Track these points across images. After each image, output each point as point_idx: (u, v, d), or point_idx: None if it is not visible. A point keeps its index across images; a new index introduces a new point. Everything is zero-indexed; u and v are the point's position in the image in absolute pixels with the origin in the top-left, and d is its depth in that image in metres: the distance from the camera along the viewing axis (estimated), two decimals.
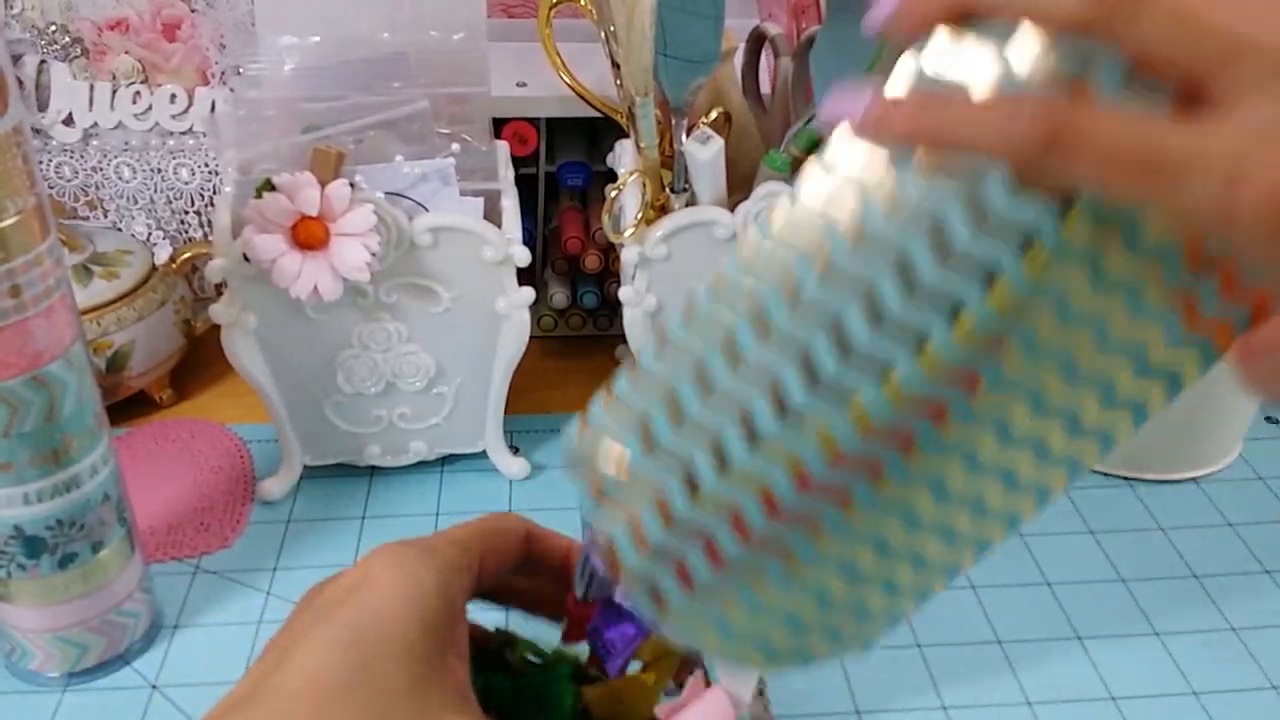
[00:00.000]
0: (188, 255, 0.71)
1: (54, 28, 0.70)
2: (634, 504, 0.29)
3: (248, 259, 0.55)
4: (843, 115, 0.25)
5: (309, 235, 0.54)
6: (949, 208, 0.24)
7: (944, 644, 0.54)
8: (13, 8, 0.69)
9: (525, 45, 0.70)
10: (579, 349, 0.78)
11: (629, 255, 0.59)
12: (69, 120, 0.72)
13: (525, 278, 0.60)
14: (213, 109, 0.72)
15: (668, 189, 0.60)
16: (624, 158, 0.64)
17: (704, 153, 0.58)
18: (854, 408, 0.25)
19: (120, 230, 0.74)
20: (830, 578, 0.29)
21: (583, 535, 0.36)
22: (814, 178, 0.26)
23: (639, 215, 0.58)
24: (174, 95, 0.72)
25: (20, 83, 0.70)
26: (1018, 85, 0.23)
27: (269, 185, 0.54)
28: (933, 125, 0.23)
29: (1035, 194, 0.23)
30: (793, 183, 0.57)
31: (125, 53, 0.71)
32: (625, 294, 0.60)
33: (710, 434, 0.27)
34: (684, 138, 0.59)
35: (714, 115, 0.60)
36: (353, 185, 0.54)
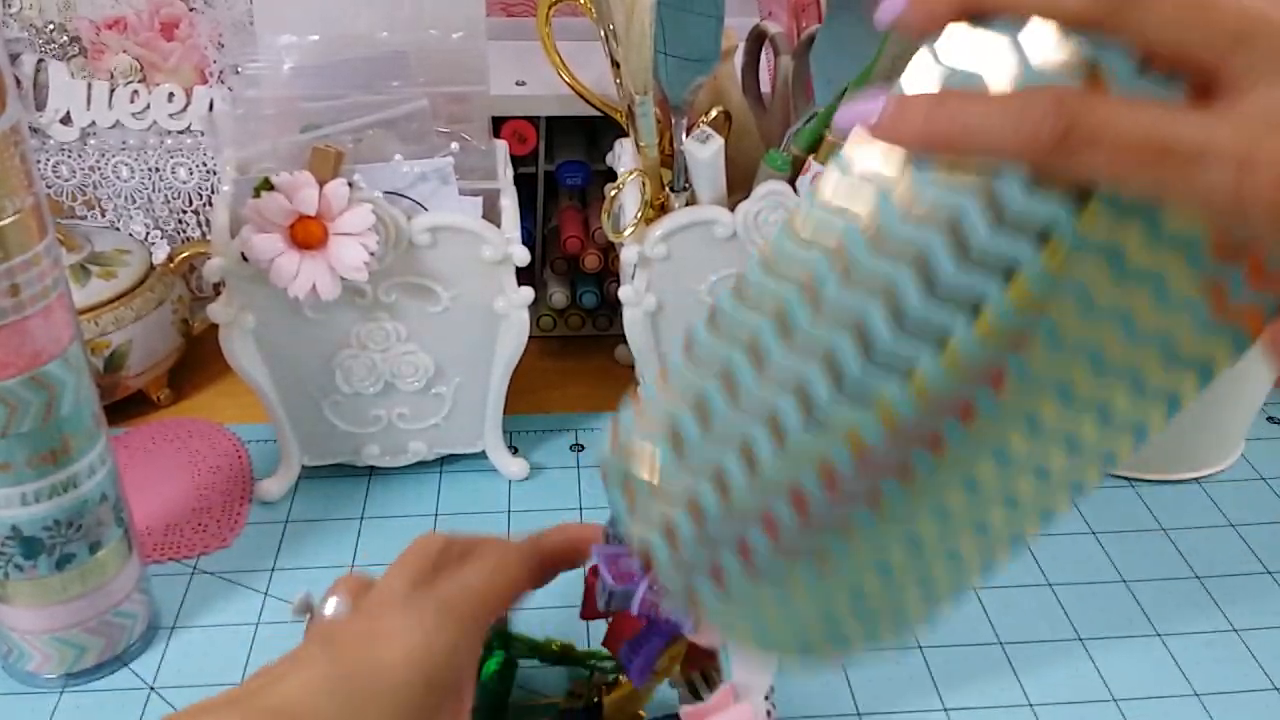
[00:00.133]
0: (186, 255, 0.71)
1: (52, 26, 0.69)
2: (667, 507, 0.29)
3: (246, 258, 0.55)
4: (858, 119, 0.25)
5: (307, 235, 0.54)
6: (966, 205, 0.24)
7: (945, 645, 0.54)
8: (11, 6, 0.68)
9: (524, 44, 0.70)
10: (578, 349, 0.78)
11: (628, 254, 0.59)
12: (67, 119, 0.71)
13: (524, 277, 0.60)
14: (211, 108, 0.72)
15: (667, 188, 0.60)
16: (623, 157, 0.64)
17: (704, 152, 0.58)
18: (880, 407, 0.25)
19: (118, 230, 0.74)
20: (865, 575, 0.29)
21: (595, 555, 0.37)
22: (831, 179, 0.26)
23: (638, 214, 0.58)
24: (172, 94, 0.72)
25: (18, 82, 0.70)
26: (1029, 80, 0.23)
27: (267, 184, 0.54)
28: (946, 124, 0.23)
29: (1051, 189, 0.23)
30: (794, 182, 0.57)
31: (123, 52, 0.71)
32: (625, 293, 0.60)
33: (739, 437, 0.28)
34: (684, 137, 0.59)
35: (714, 114, 0.60)
36: (351, 184, 0.54)
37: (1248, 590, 0.58)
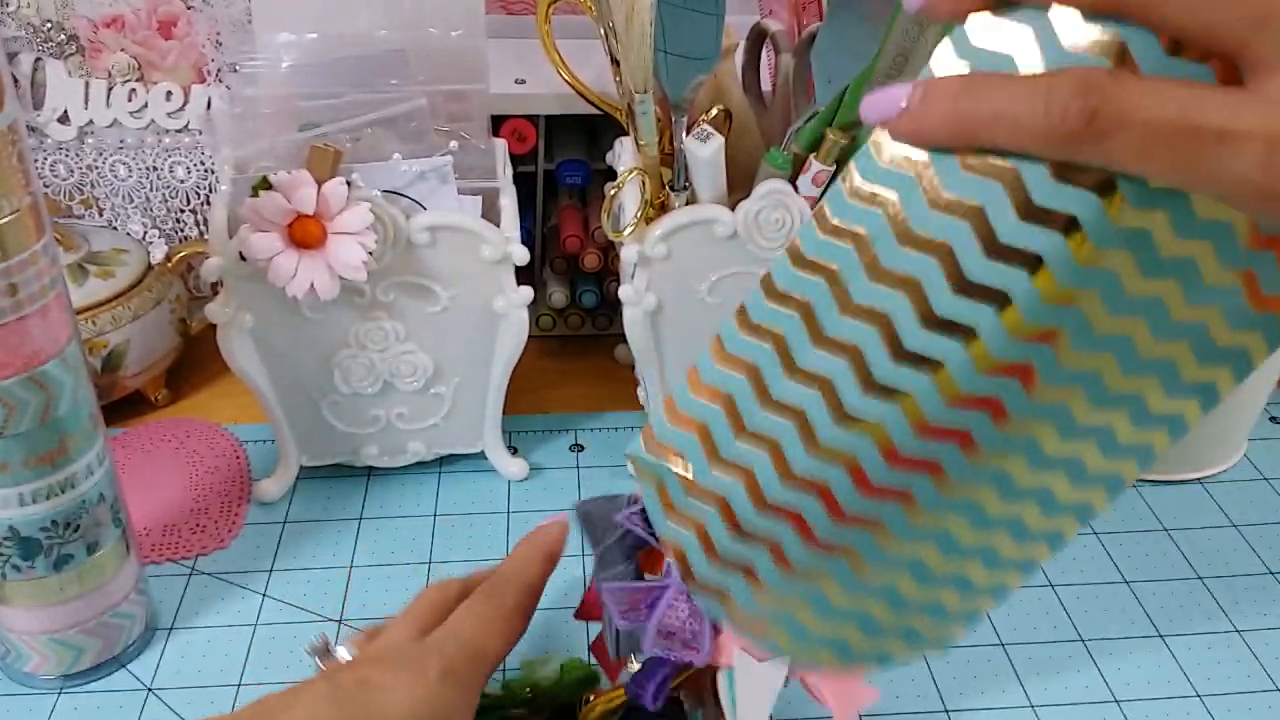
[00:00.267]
0: (183, 254, 0.71)
1: (49, 25, 0.69)
2: (700, 513, 0.29)
3: (244, 258, 0.54)
4: (887, 105, 0.24)
5: (305, 234, 0.54)
6: (993, 193, 0.23)
7: (946, 647, 0.54)
8: (8, 5, 0.68)
9: (524, 42, 0.70)
10: (578, 348, 0.78)
11: (628, 254, 0.58)
12: (64, 118, 0.71)
13: (524, 277, 0.59)
14: (209, 107, 0.72)
15: (667, 187, 0.59)
16: (623, 155, 0.64)
17: (704, 150, 0.57)
18: (908, 406, 0.25)
19: (116, 229, 0.74)
20: (899, 577, 0.29)
21: (599, 587, 0.37)
22: (858, 168, 0.26)
23: (638, 213, 0.58)
24: (170, 93, 0.71)
25: (15, 80, 0.70)
26: (1057, 62, 0.23)
27: (265, 183, 0.53)
28: (975, 105, 0.23)
29: (1079, 176, 0.23)
30: (795, 181, 0.56)
31: (121, 50, 0.70)
32: (625, 293, 0.60)
33: (770, 440, 0.27)
34: (684, 135, 0.59)
35: (714, 112, 0.60)
36: (350, 183, 0.54)
37: (1251, 591, 0.58)
